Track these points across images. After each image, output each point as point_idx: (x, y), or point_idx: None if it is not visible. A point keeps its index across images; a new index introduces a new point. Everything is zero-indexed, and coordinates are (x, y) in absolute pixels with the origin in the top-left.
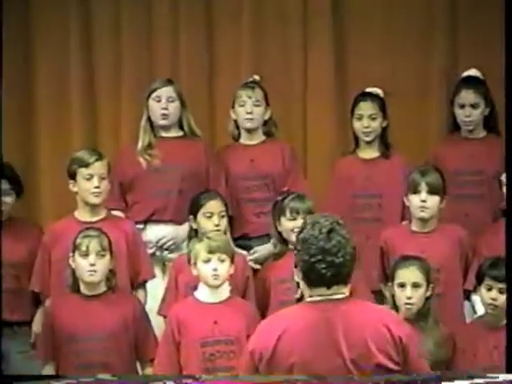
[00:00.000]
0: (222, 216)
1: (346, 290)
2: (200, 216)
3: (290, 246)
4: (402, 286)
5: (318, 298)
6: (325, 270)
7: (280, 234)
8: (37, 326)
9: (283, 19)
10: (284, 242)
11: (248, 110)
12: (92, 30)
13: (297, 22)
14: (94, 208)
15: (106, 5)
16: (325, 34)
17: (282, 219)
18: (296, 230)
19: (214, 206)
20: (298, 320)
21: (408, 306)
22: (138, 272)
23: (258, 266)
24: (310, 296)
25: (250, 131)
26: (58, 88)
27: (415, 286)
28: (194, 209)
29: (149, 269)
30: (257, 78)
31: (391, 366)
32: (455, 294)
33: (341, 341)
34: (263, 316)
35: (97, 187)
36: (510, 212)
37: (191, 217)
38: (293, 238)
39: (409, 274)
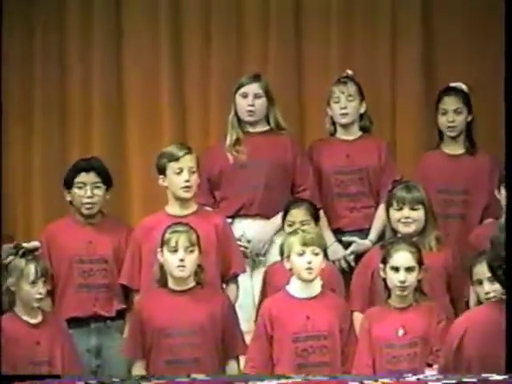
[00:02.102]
0: (303, 224)
1: None
2: (285, 222)
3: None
4: (396, 269)
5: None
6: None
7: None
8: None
9: (372, 14)
10: (395, 233)
11: (342, 105)
12: (181, 26)
13: (385, 17)
14: (184, 202)
15: (195, 2)
16: (413, 28)
17: (390, 209)
18: (403, 220)
19: (296, 214)
20: (484, 316)
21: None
22: (229, 266)
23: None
24: (502, 294)
25: (345, 126)
26: (148, 84)
27: (409, 269)
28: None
29: (240, 262)
30: (350, 72)
31: None
32: None
33: None
34: None
35: (187, 181)
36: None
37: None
38: (400, 227)
39: (402, 258)
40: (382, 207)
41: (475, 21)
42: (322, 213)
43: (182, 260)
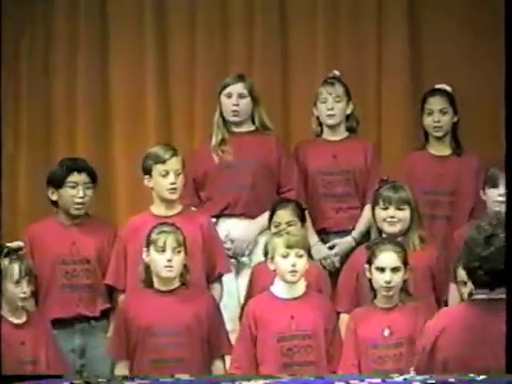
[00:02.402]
0: (290, 225)
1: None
2: (272, 223)
3: (384, 236)
4: (382, 270)
5: (480, 297)
6: (485, 276)
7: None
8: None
9: (358, 13)
10: (380, 231)
11: (329, 106)
12: (166, 27)
13: (371, 17)
14: (169, 203)
15: (179, 2)
16: (400, 28)
17: (376, 208)
18: (388, 219)
19: (282, 215)
20: (458, 319)
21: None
22: (213, 266)
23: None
24: (476, 294)
25: (332, 127)
26: (133, 84)
27: (394, 270)
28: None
29: (225, 263)
30: (337, 73)
31: None
32: None
33: (498, 342)
34: None
35: (173, 183)
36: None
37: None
38: (385, 227)
39: (388, 259)
40: (367, 207)
41: (463, 21)
42: (306, 213)
43: (169, 260)
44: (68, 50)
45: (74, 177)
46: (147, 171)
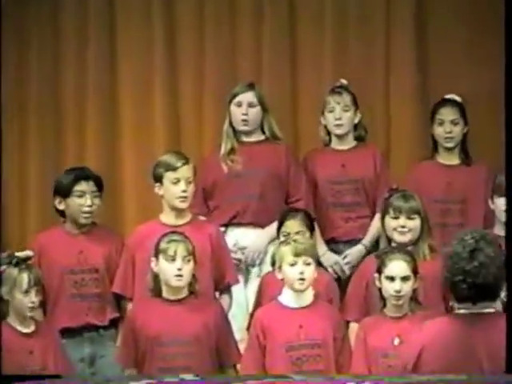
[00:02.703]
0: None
1: (494, 305)
2: (280, 233)
3: (393, 245)
4: (391, 279)
5: (463, 311)
6: (466, 290)
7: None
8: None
9: (366, 20)
10: (390, 241)
11: (337, 116)
12: (176, 33)
13: (379, 25)
14: (179, 212)
15: (189, 7)
16: (408, 37)
17: (386, 217)
18: (398, 229)
19: (291, 225)
20: (440, 334)
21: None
22: (222, 276)
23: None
24: (458, 308)
25: (340, 136)
26: (142, 92)
27: (404, 279)
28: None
29: (233, 273)
30: (344, 82)
31: None
32: None
33: (482, 356)
34: None
35: (184, 191)
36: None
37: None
38: (395, 236)
39: (398, 268)
40: (377, 216)
41: (472, 30)
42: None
43: (179, 269)
44: (77, 42)
45: (81, 186)
46: (158, 179)
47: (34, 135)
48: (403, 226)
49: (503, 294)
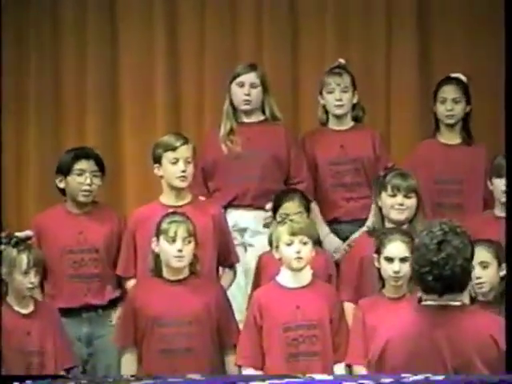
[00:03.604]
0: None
1: (461, 298)
2: (278, 215)
3: (388, 224)
4: (390, 260)
5: (429, 303)
6: (433, 282)
7: (380, 209)
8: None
9: (367, 3)
10: (382, 218)
11: (337, 96)
12: (176, 16)
13: (381, 6)
14: (179, 192)
15: None
16: (409, 17)
17: (383, 194)
18: (396, 206)
19: (289, 207)
20: (406, 324)
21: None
22: (225, 256)
23: None
24: (425, 300)
25: (338, 117)
26: (142, 73)
27: (403, 260)
28: (273, 208)
29: (235, 253)
30: (342, 61)
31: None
32: None
33: (445, 349)
34: None
35: (183, 171)
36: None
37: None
38: (392, 215)
39: (397, 249)
40: None
41: (473, 11)
42: (313, 205)
43: (180, 250)
44: (77, 39)
45: (82, 164)
46: (157, 159)
47: (33, 118)
48: (401, 204)
49: (471, 287)
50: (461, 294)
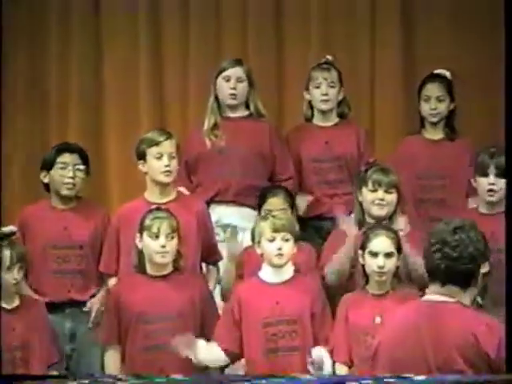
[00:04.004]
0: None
1: (461, 296)
2: (262, 211)
3: (368, 219)
4: (375, 254)
5: (427, 298)
6: (439, 260)
7: (361, 204)
8: (96, 305)
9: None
10: (363, 213)
11: (324, 91)
12: (160, 11)
13: (365, 3)
14: (164, 188)
15: None
16: (392, 12)
17: (364, 190)
18: (376, 201)
19: (274, 203)
20: (402, 320)
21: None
22: (208, 252)
23: None
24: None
25: (324, 112)
26: (126, 69)
27: (387, 255)
28: (258, 203)
29: (219, 250)
30: (330, 58)
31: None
32: None
33: (427, 347)
34: None
35: (167, 165)
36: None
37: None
38: (373, 210)
39: (381, 244)
40: None
41: (457, 7)
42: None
43: (163, 246)
44: (61, 38)
45: (65, 157)
46: (141, 156)
47: (20, 113)
48: (382, 199)
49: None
50: (462, 293)
